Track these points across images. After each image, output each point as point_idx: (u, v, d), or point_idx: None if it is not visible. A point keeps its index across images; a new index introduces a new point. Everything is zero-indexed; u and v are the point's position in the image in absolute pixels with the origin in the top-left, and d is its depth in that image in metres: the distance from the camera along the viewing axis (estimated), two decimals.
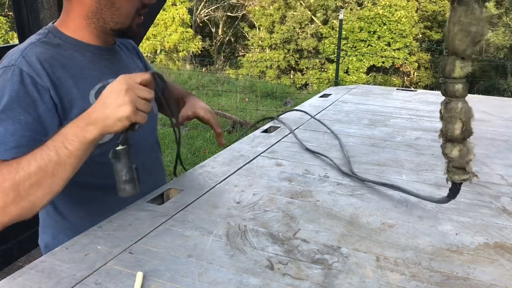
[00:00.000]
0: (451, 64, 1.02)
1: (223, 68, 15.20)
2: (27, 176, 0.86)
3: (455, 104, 1.03)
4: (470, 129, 1.03)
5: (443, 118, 1.04)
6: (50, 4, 2.02)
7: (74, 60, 1.07)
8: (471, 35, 0.99)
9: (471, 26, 0.98)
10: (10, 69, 0.97)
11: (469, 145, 1.05)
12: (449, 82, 1.03)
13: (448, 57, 1.03)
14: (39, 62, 0.99)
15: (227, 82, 9.88)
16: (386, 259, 0.88)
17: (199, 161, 4.21)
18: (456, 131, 1.02)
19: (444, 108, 1.05)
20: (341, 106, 2.17)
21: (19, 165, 0.86)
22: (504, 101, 2.51)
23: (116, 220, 1.01)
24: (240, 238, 0.94)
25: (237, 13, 16.79)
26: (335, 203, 1.12)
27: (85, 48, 1.09)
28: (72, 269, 0.82)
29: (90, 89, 1.06)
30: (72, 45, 1.08)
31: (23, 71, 0.97)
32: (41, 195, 0.88)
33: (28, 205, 0.88)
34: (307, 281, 0.80)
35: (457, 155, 1.04)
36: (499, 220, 1.05)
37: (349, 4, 14.09)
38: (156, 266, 0.83)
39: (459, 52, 1.01)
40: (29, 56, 0.99)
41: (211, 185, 1.21)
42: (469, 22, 0.98)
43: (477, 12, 0.99)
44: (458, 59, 1.02)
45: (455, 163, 1.06)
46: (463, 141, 1.04)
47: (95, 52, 1.11)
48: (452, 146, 1.05)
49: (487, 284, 0.81)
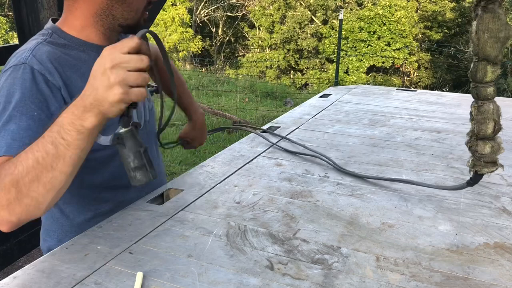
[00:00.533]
0: (483, 70, 1.06)
1: (223, 68, 15.20)
2: (25, 171, 0.81)
3: (488, 106, 1.08)
4: (500, 125, 1.10)
5: (475, 119, 1.10)
6: (50, 4, 2.02)
7: (81, 60, 1.06)
8: (501, 41, 1.04)
9: (500, 32, 1.03)
10: (21, 67, 0.95)
11: (499, 140, 1.11)
12: (481, 86, 1.08)
13: (479, 63, 1.07)
14: (50, 61, 0.98)
15: (227, 82, 9.89)
16: (386, 259, 0.88)
17: (199, 161, 4.21)
18: (489, 130, 1.08)
19: (477, 111, 1.10)
20: (341, 106, 2.17)
21: (18, 160, 0.82)
22: (504, 101, 2.51)
23: (116, 220, 1.01)
24: (240, 238, 0.94)
25: (237, 13, 16.79)
26: (335, 203, 1.12)
27: (90, 48, 1.08)
28: (72, 269, 0.82)
29: None
30: (77, 45, 1.07)
31: (34, 69, 0.96)
32: (42, 191, 0.83)
33: (31, 202, 0.83)
34: (307, 281, 0.80)
35: (489, 151, 1.10)
36: (499, 220, 1.05)
37: (349, 4, 14.10)
38: (156, 266, 0.83)
39: (491, 58, 1.05)
40: (40, 55, 0.98)
41: (211, 185, 1.21)
42: (498, 29, 1.03)
43: (502, 18, 1.03)
44: (489, 65, 1.06)
45: (487, 159, 1.12)
46: (494, 138, 1.10)
47: (99, 52, 1.10)
48: (484, 143, 1.10)
49: (487, 284, 0.81)
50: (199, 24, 17.02)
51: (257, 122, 5.89)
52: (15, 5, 2.04)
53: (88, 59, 1.07)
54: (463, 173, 1.33)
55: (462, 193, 1.20)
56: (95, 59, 1.08)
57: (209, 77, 10.26)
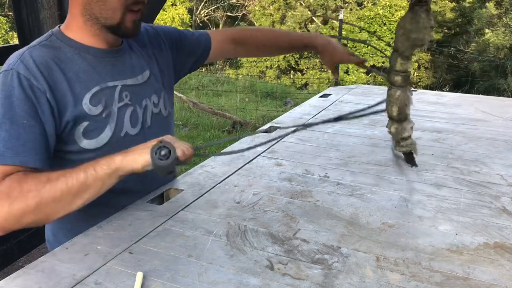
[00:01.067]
0: (394, 59, 1.17)
1: (223, 68, 15.19)
2: (52, 192, 0.90)
3: (394, 91, 1.20)
4: (406, 113, 1.22)
5: (386, 100, 1.24)
6: (50, 4, 2.02)
7: (73, 63, 1.05)
8: (411, 40, 1.11)
9: (413, 33, 1.11)
10: (9, 73, 0.98)
11: (406, 125, 1.25)
12: (392, 72, 1.19)
13: (393, 52, 1.18)
14: (36, 66, 0.99)
15: (227, 82, 9.88)
16: (386, 259, 0.88)
17: (199, 161, 4.20)
18: (394, 113, 1.21)
19: (387, 92, 1.23)
20: (341, 106, 2.17)
21: (48, 180, 0.91)
22: (504, 101, 2.51)
23: (116, 220, 1.01)
24: (240, 238, 0.94)
25: (237, 13, 16.79)
26: (335, 203, 1.12)
27: (85, 51, 1.08)
28: (72, 269, 0.82)
29: (85, 93, 1.04)
30: (73, 48, 1.07)
31: (20, 74, 0.97)
32: (57, 210, 0.93)
33: (43, 217, 0.92)
34: (307, 281, 0.80)
35: (393, 131, 1.25)
36: (499, 220, 1.05)
37: (349, 4, 14.10)
38: (156, 266, 0.83)
39: (399, 51, 1.15)
40: (27, 60, 0.99)
41: (211, 185, 1.21)
42: (411, 29, 1.12)
43: (421, 21, 1.08)
44: (399, 57, 1.16)
45: (394, 137, 1.28)
46: (399, 122, 1.23)
47: (96, 55, 1.09)
48: (391, 123, 1.25)
49: (487, 284, 0.81)
50: (199, 24, 17.01)
51: (257, 122, 5.89)
52: (15, 5, 2.04)
53: (82, 62, 1.06)
54: (463, 173, 1.33)
55: (462, 193, 1.20)
56: (90, 61, 1.08)
57: (209, 77, 10.25)
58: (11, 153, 0.94)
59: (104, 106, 1.07)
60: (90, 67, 1.07)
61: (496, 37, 12.09)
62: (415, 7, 1.08)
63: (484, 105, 2.22)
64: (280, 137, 1.55)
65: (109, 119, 1.07)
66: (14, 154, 0.94)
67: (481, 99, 2.49)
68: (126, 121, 1.10)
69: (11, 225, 0.89)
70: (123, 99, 1.11)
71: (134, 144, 1.05)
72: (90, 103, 1.04)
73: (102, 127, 1.06)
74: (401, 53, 1.14)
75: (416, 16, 1.08)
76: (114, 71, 1.12)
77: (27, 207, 0.89)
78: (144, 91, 1.17)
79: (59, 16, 2.02)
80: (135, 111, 1.12)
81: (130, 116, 1.11)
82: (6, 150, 0.94)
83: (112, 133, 1.07)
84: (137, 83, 1.16)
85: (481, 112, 2.08)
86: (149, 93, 1.18)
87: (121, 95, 1.10)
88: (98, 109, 1.06)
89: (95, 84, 1.07)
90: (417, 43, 1.10)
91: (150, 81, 1.20)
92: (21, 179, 0.91)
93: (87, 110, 1.04)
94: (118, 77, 1.12)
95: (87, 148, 1.05)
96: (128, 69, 1.15)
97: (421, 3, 1.07)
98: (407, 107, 1.21)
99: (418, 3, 1.07)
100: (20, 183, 0.91)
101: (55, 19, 2.02)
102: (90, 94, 1.05)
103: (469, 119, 1.94)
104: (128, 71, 1.15)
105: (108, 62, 1.11)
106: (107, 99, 1.08)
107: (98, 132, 1.05)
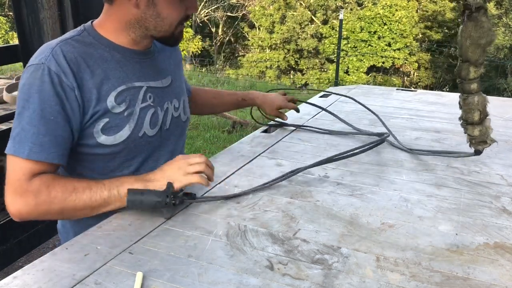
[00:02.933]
0: (466, 70, 1.18)
1: (223, 68, 15.20)
2: (75, 203, 0.98)
3: (473, 98, 1.22)
4: (486, 113, 1.26)
5: (463, 108, 1.26)
6: (50, 4, 2.02)
7: (102, 60, 1.07)
8: (482, 46, 1.13)
9: (481, 39, 1.11)
10: (40, 67, 1.00)
11: (487, 124, 1.28)
12: (466, 83, 1.20)
13: (463, 64, 1.18)
14: (66, 62, 1.01)
15: (227, 82, 9.88)
16: (386, 259, 0.88)
17: None
18: (476, 117, 1.24)
19: (463, 102, 1.25)
20: (341, 106, 2.17)
21: (74, 189, 0.98)
22: (504, 101, 2.51)
23: (116, 220, 1.01)
24: (240, 238, 0.94)
25: (237, 13, 16.80)
26: (335, 203, 1.12)
27: (115, 49, 1.10)
28: (72, 269, 0.82)
29: (111, 91, 1.06)
30: (103, 45, 1.09)
31: (51, 70, 0.99)
32: (74, 216, 1.04)
33: (61, 218, 1.07)
34: (307, 281, 0.80)
35: (478, 134, 1.28)
36: (499, 220, 1.05)
37: (349, 4, 14.09)
38: (156, 266, 0.83)
39: (472, 61, 1.15)
40: (58, 55, 1.01)
41: (211, 185, 1.21)
42: (479, 36, 1.12)
43: (485, 25, 1.08)
44: (471, 66, 1.16)
45: (478, 139, 1.30)
46: (482, 123, 1.26)
47: (126, 54, 1.11)
48: (473, 128, 1.27)
49: (487, 284, 0.81)
50: (199, 24, 17.02)
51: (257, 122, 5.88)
52: (15, 5, 2.04)
53: (111, 60, 1.09)
54: (463, 173, 1.33)
55: (462, 193, 1.20)
56: (118, 60, 1.10)
57: (209, 77, 10.26)
58: (38, 149, 0.98)
59: (128, 105, 1.09)
60: (118, 66, 1.09)
61: (496, 37, 12.10)
62: (473, 14, 1.08)
63: None
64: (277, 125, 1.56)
65: (130, 118, 1.09)
66: (41, 150, 0.98)
67: None
68: (146, 122, 1.13)
69: (31, 218, 0.99)
70: (147, 100, 1.13)
71: (150, 145, 1.14)
72: (115, 101, 1.07)
73: (122, 125, 1.08)
74: (474, 62, 1.15)
75: (478, 23, 1.09)
76: (141, 72, 1.14)
77: (51, 210, 0.98)
78: (167, 94, 1.20)
79: (59, 16, 2.01)
80: (156, 113, 1.15)
81: (151, 117, 1.13)
82: (33, 146, 0.98)
83: (130, 132, 1.09)
84: (161, 86, 1.19)
85: None
86: (171, 97, 1.21)
87: (145, 96, 1.13)
88: (121, 107, 1.08)
89: (121, 83, 1.09)
90: (486, 47, 1.12)
91: (172, 85, 1.23)
92: (50, 184, 0.98)
93: (111, 107, 1.06)
94: (144, 78, 1.14)
95: (103, 144, 1.08)
96: (154, 72, 1.18)
97: (479, 9, 1.08)
98: (487, 106, 1.24)
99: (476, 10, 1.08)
100: (48, 188, 0.97)
101: (55, 19, 2.02)
102: (116, 92, 1.07)
103: None
104: (154, 74, 1.17)
105: (137, 62, 1.14)
106: (131, 99, 1.10)
107: (117, 129, 1.08)
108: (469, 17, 1.09)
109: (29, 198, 0.96)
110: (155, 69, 1.18)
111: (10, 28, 12.98)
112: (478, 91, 1.21)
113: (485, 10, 1.09)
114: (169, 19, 1.08)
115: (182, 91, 1.29)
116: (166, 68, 1.23)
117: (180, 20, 1.10)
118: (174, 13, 1.08)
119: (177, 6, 1.07)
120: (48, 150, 0.98)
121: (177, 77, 1.28)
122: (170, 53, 1.28)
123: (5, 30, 13.14)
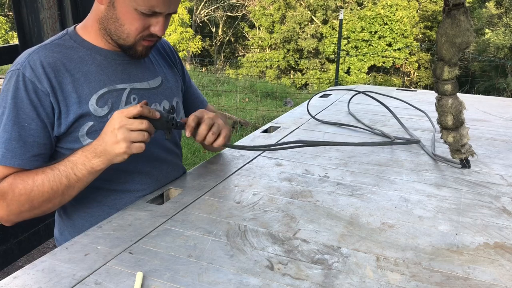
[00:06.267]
0: (440, 69, 1.16)
1: (223, 68, 15.19)
2: (40, 195, 0.99)
3: (446, 101, 1.19)
4: (461, 120, 1.22)
5: (437, 111, 1.23)
6: (50, 4, 2.02)
7: (83, 63, 1.07)
8: (456, 46, 1.10)
9: (456, 38, 1.09)
10: (16, 73, 1.01)
11: (463, 132, 1.23)
12: (440, 83, 1.19)
13: (438, 62, 1.17)
14: (42, 67, 1.01)
15: (227, 82, 9.88)
16: (386, 259, 0.88)
17: (199, 161, 4.21)
18: (449, 122, 1.21)
19: (437, 104, 1.23)
20: (341, 106, 2.17)
21: (34, 184, 0.98)
22: (504, 101, 2.51)
23: (116, 220, 1.01)
24: (240, 238, 0.94)
25: (237, 13, 16.80)
26: (335, 203, 1.12)
27: (97, 52, 1.10)
28: (72, 269, 0.82)
29: (92, 94, 1.06)
30: (84, 48, 1.09)
31: (25, 76, 1.00)
32: (51, 207, 1.03)
33: (39, 212, 1.03)
34: (307, 281, 0.80)
35: (452, 141, 1.25)
36: (499, 220, 1.05)
37: (349, 4, 14.10)
38: (156, 266, 0.83)
39: (446, 60, 1.13)
40: (34, 61, 1.02)
41: (211, 185, 1.21)
42: (454, 34, 1.09)
43: (463, 24, 1.07)
44: (446, 65, 1.14)
45: (452, 147, 1.27)
46: (455, 129, 1.23)
47: (107, 57, 1.11)
48: (447, 133, 1.25)
49: (487, 284, 0.81)
50: (199, 24, 17.02)
51: (257, 122, 5.89)
52: (15, 5, 2.04)
53: (92, 63, 1.09)
54: (463, 174, 1.33)
55: (462, 193, 1.20)
56: (100, 63, 1.10)
57: (209, 77, 10.25)
58: (11, 154, 0.99)
59: (110, 108, 1.08)
60: (99, 69, 1.09)
61: (496, 37, 12.10)
62: (452, 11, 1.06)
63: (484, 105, 2.22)
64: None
65: None
66: (13, 156, 0.99)
67: (481, 99, 2.49)
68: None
69: (14, 220, 1.02)
70: (131, 101, 1.12)
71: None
72: (96, 104, 1.06)
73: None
74: (447, 61, 1.13)
75: (455, 21, 1.07)
76: (125, 73, 1.13)
77: (22, 207, 1.00)
78: (154, 95, 1.18)
79: (59, 16, 2.01)
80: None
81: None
82: (6, 152, 0.99)
83: None
84: (148, 87, 1.17)
85: (481, 112, 2.08)
86: (160, 98, 1.19)
87: (129, 98, 1.12)
88: (104, 111, 1.08)
89: (102, 86, 1.08)
90: (462, 47, 1.09)
91: (162, 86, 1.21)
92: (13, 183, 0.99)
93: (93, 110, 1.06)
94: (128, 80, 1.13)
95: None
96: (141, 73, 1.17)
97: (457, 7, 1.06)
98: (462, 112, 1.21)
99: (454, 7, 1.06)
100: (12, 187, 0.99)
101: (55, 19, 2.02)
102: (97, 95, 1.07)
103: (469, 119, 1.94)
104: (140, 75, 1.16)
105: (119, 64, 1.13)
106: (114, 101, 1.09)
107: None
108: (448, 14, 1.09)
109: (0, 202, 0.99)
110: (141, 70, 1.17)
111: (10, 28, 12.98)
112: (453, 94, 1.18)
113: (466, 9, 1.07)
114: (127, 29, 1.05)
115: (175, 92, 1.26)
116: (155, 69, 1.21)
117: (142, 35, 1.07)
118: (133, 24, 1.04)
119: (135, 17, 1.03)
120: (21, 156, 1.00)
121: (170, 78, 1.26)
122: (163, 49, 1.27)
123: (5, 30, 13.14)
